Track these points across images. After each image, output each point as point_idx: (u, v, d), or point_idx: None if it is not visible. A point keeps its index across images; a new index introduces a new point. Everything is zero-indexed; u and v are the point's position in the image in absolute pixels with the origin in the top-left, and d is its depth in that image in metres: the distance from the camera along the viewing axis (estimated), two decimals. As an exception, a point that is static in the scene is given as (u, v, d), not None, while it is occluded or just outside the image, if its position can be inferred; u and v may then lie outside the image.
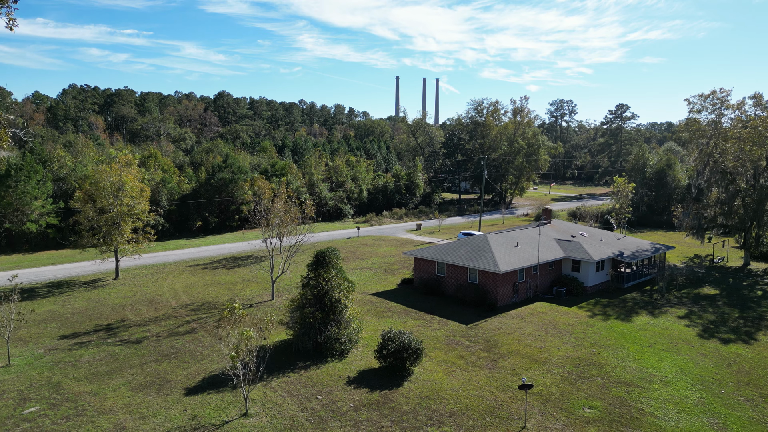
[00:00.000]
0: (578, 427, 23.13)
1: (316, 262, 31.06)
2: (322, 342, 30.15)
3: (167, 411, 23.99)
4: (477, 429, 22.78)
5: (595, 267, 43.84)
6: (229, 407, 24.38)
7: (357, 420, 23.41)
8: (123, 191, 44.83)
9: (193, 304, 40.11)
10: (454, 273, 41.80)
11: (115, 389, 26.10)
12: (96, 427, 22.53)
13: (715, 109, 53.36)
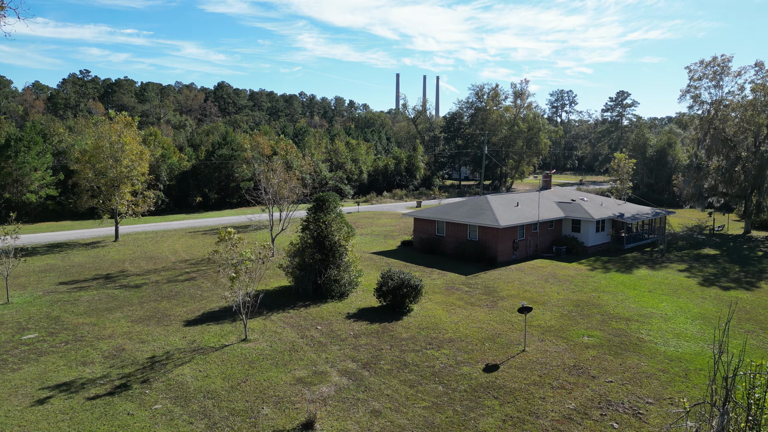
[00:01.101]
0: (577, 350, 23.08)
1: (316, 205, 31.00)
2: (321, 284, 30.08)
3: (166, 337, 23.95)
4: (477, 351, 22.72)
5: (596, 227, 43.77)
6: (228, 335, 24.33)
7: (356, 344, 23.36)
8: (122, 152, 44.75)
9: (193, 259, 40.07)
10: (454, 231, 41.72)
11: (115, 321, 26.07)
12: (95, 349, 22.49)
13: (715, 76, 53.24)
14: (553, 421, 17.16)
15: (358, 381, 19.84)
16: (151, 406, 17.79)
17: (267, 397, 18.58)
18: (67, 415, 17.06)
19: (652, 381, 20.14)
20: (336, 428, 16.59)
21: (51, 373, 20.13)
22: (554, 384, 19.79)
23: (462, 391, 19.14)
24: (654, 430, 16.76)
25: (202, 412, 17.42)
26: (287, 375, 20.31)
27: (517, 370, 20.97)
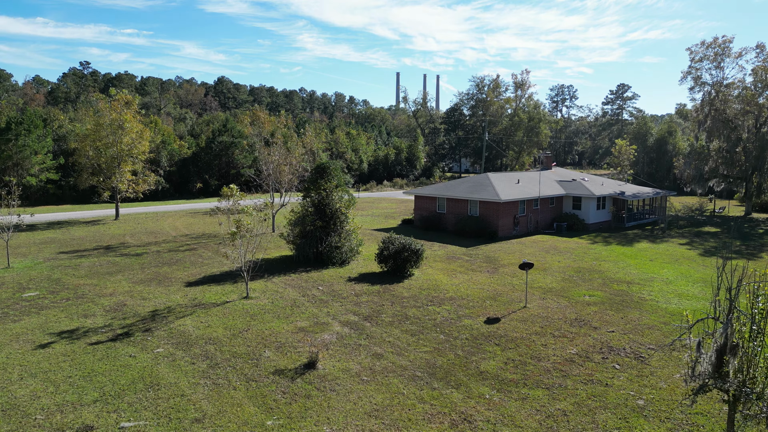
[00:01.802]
0: (579, 306, 23.07)
1: (317, 173, 30.98)
2: (322, 250, 30.05)
3: (167, 296, 23.94)
4: (478, 308, 22.71)
5: (596, 204, 43.75)
6: (229, 293, 24.32)
7: (357, 301, 23.35)
8: (123, 130, 44.72)
9: (194, 234, 40.06)
10: (455, 207, 41.70)
11: (116, 282, 26.06)
12: (96, 305, 22.47)
13: (716, 57, 53.22)
14: (555, 363, 17.15)
15: (359, 330, 19.84)
16: (152, 349, 17.77)
17: (269, 342, 18.57)
18: (68, 357, 17.04)
19: (654, 331, 20.13)
20: (338, 368, 16.58)
21: (52, 324, 20.12)
22: (556, 333, 19.77)
23: (463, 339, 19.13)
24: (656, 369, 16.75)
25: (203, 354, 17.40)
26: (289, 325, 20.29)
27: (518, 322, 20.96)
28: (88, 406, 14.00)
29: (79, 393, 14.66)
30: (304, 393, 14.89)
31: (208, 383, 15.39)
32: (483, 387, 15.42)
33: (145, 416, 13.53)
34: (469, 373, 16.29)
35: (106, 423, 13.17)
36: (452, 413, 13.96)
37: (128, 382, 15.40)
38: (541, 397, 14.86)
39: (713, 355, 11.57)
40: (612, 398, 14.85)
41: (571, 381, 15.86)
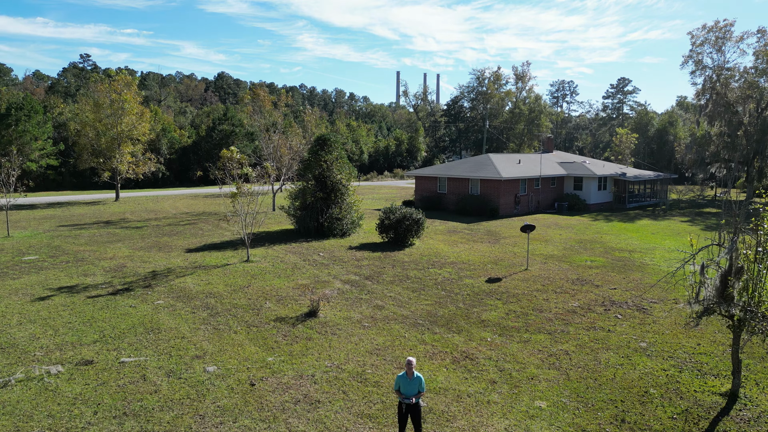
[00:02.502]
0: (580, 269, 22.98)
1: (318, 144, 30.87)
2: (323, 222, 29.94)
3: (168, 260, 23.85)
4: (479, 270, 22.62)
5: (598, 185, 43.66)
6: (230, 258, 24.23)
7: (359, 264, 23.26)
8: (123, 110, 44.63)
9: (194, 212, 39.98)
10: (456, 187, 41.61)
11: (116, 249, 25.98)
12: (96, 267, 22.39)
13: (717, 41, 53.09)
14: (557, 313, 17.05)
15: (360, 287, 19.75)
16: (153, 301, 17.68)
17: (269, 296, 18.49)
18: (67, 307, 16.95)
19: (656, 289, 20.04)
20: (339, 316, 16.49)
21: (51, 281, 20.05)
22: (557, 290, 19.69)
23: (465, 294, 19.04)
24: (658, 319, 16.66)
25: (204, 306, 17.32)
26: (290, 282, 20.21)
27: (519, 281, 20.87)
28: (88, 345, 13.92)
29: (79, 335, 14.59)
30: (305, 336, 14.81)
31: (208, 328, 15.31)
32: (484, 332, 15.34)
33: (145, 354, 13.45)
34: (471, 322, 16.20)
35: (106, 358, 13.09)
36: (454, 352, 13.87)
37: (128, 326, 15.32)
38: (543, 340, 14.78)
39: (717, 279, 11.49)
40: (614, 341, 14.77)
41: (573, 328, 15.77)
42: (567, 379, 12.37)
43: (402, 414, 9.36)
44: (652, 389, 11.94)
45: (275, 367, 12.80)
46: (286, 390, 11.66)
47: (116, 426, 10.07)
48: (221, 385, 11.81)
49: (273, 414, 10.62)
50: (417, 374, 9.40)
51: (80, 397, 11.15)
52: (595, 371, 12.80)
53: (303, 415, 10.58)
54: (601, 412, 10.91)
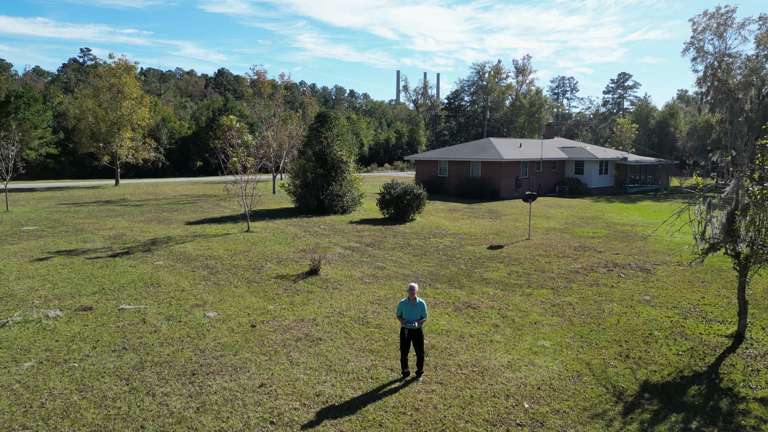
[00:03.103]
0: (582, 239, 22.86)
1: (318, 121, 30.74)
2: (324, 199, 29.80)
3: (168, 230, 23.72)
4: (481, 239, 22.50)
5: (599, 168, 43.54)
6: (230, 229, 24.11)
7: (360, 234, 23.14)
8: (122, 94, 44.50)
9: (194, 194, 39.87)
10: (456, 170, 41.48)
11: (115, 221, 25.86)
12: (95, 235, 22.26)
13: (719, 28, 52.95)
14: (559, 273, 16.93)
15: (362, 252, 19.63)
16: (153, 262, 17.56)
17: (270, 258, 18.37)
18: (66, 266, 16.83)
19: (659, 254, 19.93)
20: (340, 274, 16.37)
21: (50, 246, 19.93)
22: (559, 255, 19.57)
23: (467, 258, 18.92)
24: (662, 277, 16.54)
25: (204, 266, 17.19)
26: (290, 248, 20.10)
27: (521, 248, 20.75)
28: (87, 296, 13.80)
29: (78, 288, 14.47)
30: (306, 290, 14.69)
31: (208, 283, 15.19)
32: (487, 288, 15.22)
33: (145, 303, 13.33)
34: (473, 280, 16.08)
35: (105, 306, 12.97)
36: (456, 303, 13.76)
37: (128, 281, 15.20)
38: (546, 294, 14.66)
39: (724, 217, 11.39)
40: (617, 295, 14.65)
41: (576, 284, 15.65)
42: (570, 324, 12.25)
43: (404, 340, 9.23)
44: (657, 332, 11.82)
45: (276, 313, 12.68)
46: (287, 330, 11.54)
47: (115, 357, 9.95)
48: (222, 327, 11.70)
49: (274, 349, 10.50)
50: (419, 300, 9.28)
51: (79, 335, 11.03)
52: (599, 318, 12.68)
53: (304, 350, 10.46)
54: (605, 349, 10.79)
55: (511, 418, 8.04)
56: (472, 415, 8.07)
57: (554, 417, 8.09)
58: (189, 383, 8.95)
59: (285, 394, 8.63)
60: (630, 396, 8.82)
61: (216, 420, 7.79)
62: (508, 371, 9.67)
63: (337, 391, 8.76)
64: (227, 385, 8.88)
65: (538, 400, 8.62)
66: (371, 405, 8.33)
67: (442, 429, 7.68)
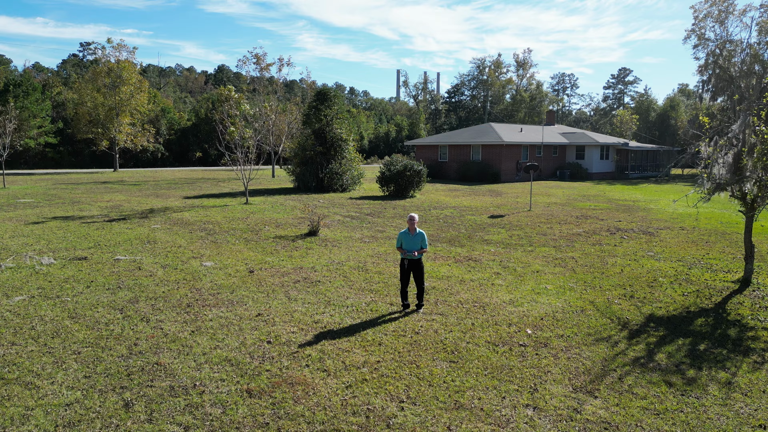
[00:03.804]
0: (583, 210, 22.65)
1: (317, 98, 30.52)
2: (323, 177, 29.58)
3: (165, 203, 23.52)
4: (482, 211, 22.29)
5: (600, 153, 43.32)
6: (229, 201, 23.91)
7: (359, 207, 22.94)
8: (121, 79, 44.29)
9: (193, 178, 39.67)
10: (457, 155, 41.26)
11: (113, 195, 25.66)
12: (92, 206, 22.05)
13: (720, 15, 52.74)
14: (561, 236, 16.72)
15: (361, 220, 19.44)
16: (149, 226, 17.36)
17: (269, 223, 18.17)
18: (62, 228, 16.62)
19: (662, 222, 19.73)
20: (340, 236, 16.17)
21: (46, 213, 19.72)
22: (561, 222, 19.36)
23: (467, 225, 18.72)
24: (665, 239, 16.34)
25: (202, 229, 16.98)
26: (289, 215, 19.91)
27: (523, 217, 20.55)
28: (82, 250, 13.59)
29: (73, 244, 14.26)
30: (305, 247, 14.49)
31: (206, 242, 14.99)
32: (488, 246, 15.01)
33: (141, 255, 13.13)
34: (474, 241, 15.88)
35: (100, 257, 12.77)
36: (457, 257, 13.56)
37: (124, 239, 14.99)
38: (548, 251, 14.45)
39: (730, 156, 11.19)
40: (620, 251, 14.44)
41: (579, 244, 15.45)
42: (573, 273, 12.05)
43: (404, 271, 9.03)
44: (661, 278, 11.62)
45: (274, 263, 12.48)
46: (285, 275, 11.34)
47: (109, 294, 9.74)
48: (219, 272, 11.50)
49: (272, 288, 10.30)
50: (419, 230, 9.07)
51: (72, 278, 10.83)
52: (602, 269, 12.48)
53: (302, 290, 10.26)
54: (609, 291, 10.59)
55: (514, 340, 7.84)
56: (474, 338, 7.87)
57: (558, 340, 7.88)
58: (184, 313, 8.75)
59: (282, 321, 8.42)
60: (635, 325, 8.62)
61: (211, 340, 7.59)
62: (510, 306, 9.47)
63: (336, 319, 8.56)
64: (223, 314, 8.68)
65: (540, 327, 8.42)
66: (370, 329, 8.13)
67: (443, 348, 7.48)
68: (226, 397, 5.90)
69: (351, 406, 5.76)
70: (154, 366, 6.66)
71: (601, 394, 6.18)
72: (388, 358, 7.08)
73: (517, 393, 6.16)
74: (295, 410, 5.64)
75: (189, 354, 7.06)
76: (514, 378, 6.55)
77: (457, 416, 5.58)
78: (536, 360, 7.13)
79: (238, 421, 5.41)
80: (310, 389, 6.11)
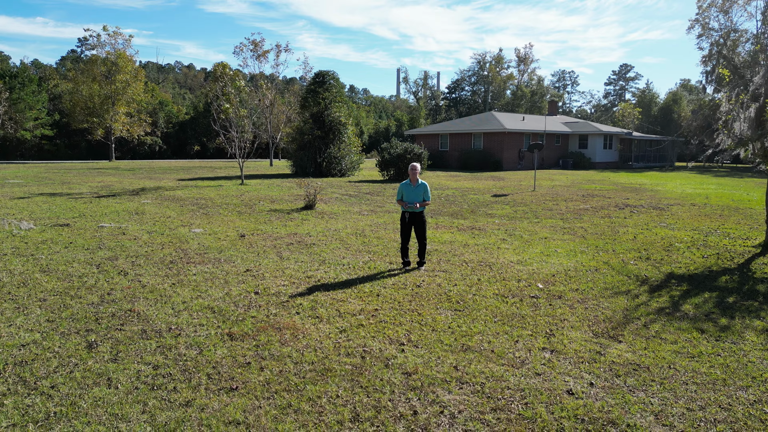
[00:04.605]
0: (589, 190, 21.98)
1: (316, 82, 29.86)
2: (321, 162, 28.91)
3: (158, 184, 22.85)
4: (485, 192, 21.63)
5: (603, 142, 42.63)
6: (224, 182, 23.25)
7: (358, 188, 22.28)
8: (117, 67, 43.61)
9: (189, 166, 39.01)
10: (458, 143, 40.57)
11: (104, 178, 24.99)
12: (82, 186, 21.38)
13: (724, 4, 52.03)
14: (568, 211, 16.06)
15: (360, 197, 18.78)
16: (140, 201, 16.70)
17: (263, 199, 17.52)
18: (47, 202, 15.96)
19: (671, 199, 19.06)
20: (337, 210, 15.51)
21: (34, 191, 19.05)
22: (567, 200, 18.69)
23: (470, 202, 18.05)
24: (676, 213, 15.66)
25: (194, 204, 16.32)
26: (285, 193, 19.25)
27: (527, 195, 19.89)
28: (66, 219, 12.93)
29: (57, 214, 13.60)
30: (300, 219, 13.83)
31: (197, 214, 14.32)
32: (492, 219, 14.35)
33: (127, 224, 12.46)
34: (477, 214, 15.22)
35: (83, 225, 12.10)
36: (460, 227, 12.90)
37: (111, 211, 14.33)
38: (555, 223, 13.79)
39: (752, 112, 10.52)
40: (632, 222, 13.78)
41: (588, 217, 14.78)
42: (583, 240, 11.39)
43: (405, 225, 8.36)
44: (677, 243, 10.95)
45: (267, 230, 11.82)
46: (278, 239, 10.68)
47: (87, 254, 9.08)
48: (208, 237, 10.83)
49: (263, 249, 9.64)
50: (421, 181, 8.41)
51: (51, 240, 10.16)
52: (614, 236, 11.82)
53: (296, 251, 9.59)
54: (623, 254, 9.92)
55: (524, 293, 7.18)
56: (480, 291, 7.20)
57: (572, 293, 7.22)
58: (166, 269, 8.09)
59: (273, 276, 7.76)
60: (655, 281, 7.95)
61: (194, 291, 6.93)
62: (518, 265, 8.81)
63: (330, 275, 7.90)
64: (209, 270, 8.02)
65: (552, 282, 7.76)
66: (368, 283, 7.47)
67: (447, 299, 6.81)
68: (204, 339, 5.24)
69: (345, 348, 5.10)
70: (127, 312, 6.00)
71: (625, 339, 5.52)
72: (387, 306, 6.42)
73: (531, 338, 5.49)
74: (281, 351, 4.98)
75: (167, 303, 6.40)
76: (527, 324, 5.89)
77: (464, 357, 4.92)
78: (550, 309, 6.47)
79: (215, 361, 4.75)
80: (299, 333, 5.45)
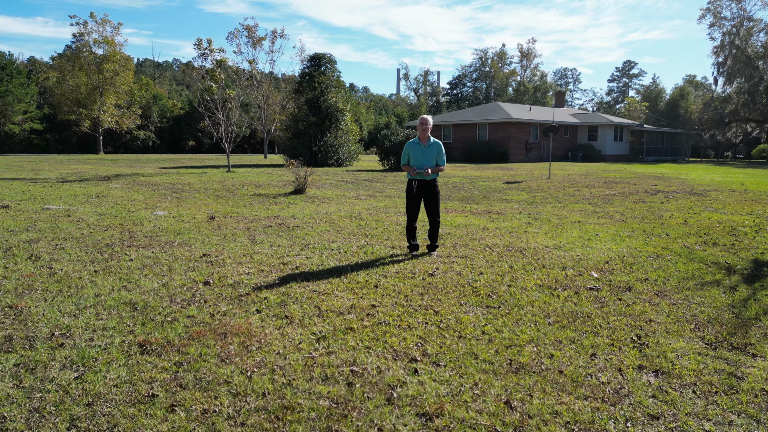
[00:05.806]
0: (609, 178, 20.05)
1: (312, 65, 27.94)
2: (317, 151, 26.99)
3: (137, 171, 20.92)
4: (496, 180, 19.70)
5: (614, 134, 40.68)
6: (209, 170, 21.32)
7: (356, 176, 20.35)
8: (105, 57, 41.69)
9: (178, 158, 37.10)
10: (463, 134, 38.62)
11: (79, 166, 23.07)
12: (52, 172, 19.44)
13: (737, -9, 50.05)
14: (593, 196, 14.12)
15: (357, 184, 16.85)
16: (108, 186, 14.76)
17: (248, 184, 15.59)
18: (3, 187, 14.02)
19: (704, 186, 17.12)
20: (330, 194, 13.58)
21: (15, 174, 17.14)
22: (589, 186, 16.77)
23: (482, 189, 16.12)
24: (718, 198, 13.72)
25: (169, 188, 14.38)
26: (274, 179, 17.33)
27: (543, 182, 17.97)
28: (11, 201, 10.99)
29: (4, 196, 11.65)
30: (287, 203, 11.90)
31: (168, 198, 12.38)
32: (510, 204, 12.42)
33: (81, 206, 10.52)
34: (492, 200, 13.28)
35: (27, 206, 10.14)
36: (474, 211, 10.97)
37: (69, 195, 12.39)
38: (584, 207, 11.85)
39: None
40: (672, 207, 11.83)
41: (619, 201, 12.85)
42: (624, 223, 9.44)
43: (412, 197, 6.40)
44: (741, 227, 9.01)
45: (244, 213, 9.89)
46: (254, 221, 8.74)
47: (7, 235, 7.14)
48: (169, 220, 8.89)
49: (233, 232, 7.70)
50: (434, 140, 6.44)
51: (-27, 222, 8.22)
52: (659, 220, 9.88)
53: (273, 234, 7.65)
54: (682, 239, 7.97)
55: (578, 284, 5.24)
56: (515, 281, 5.26)
57: (643, 284, 5.28)
58: (97, 253, 6.15)
59: (236, 263, 5.82)
60: (745, 270, 6.01)
61: (119, 281, 4.99)
62: (556, 251, 6.87)
63: (314, 261, 5.96)
64: (152, 255, 6.08)
65: (610, 271, 5.82)
66: (363, 271, 5.53)
67: (473, 291, 4.87)
68: (98, 353, 3.31)
69: (322, 367, 3.17)
70: (4, 309, 4.06)
71: (759, 350, 3.59)
72: (389, 302, 4.49)
73: (614, 349, 3.56)
74: (216, 374, 3.05)
75: (72, 297, 4.47)
76: (599, 328, 3.96)
77: (518, 384, 2.99)
78: (623, 306, 4.53)
79: (96, 393, 2.81)
80: (253, 342, 3.52)
